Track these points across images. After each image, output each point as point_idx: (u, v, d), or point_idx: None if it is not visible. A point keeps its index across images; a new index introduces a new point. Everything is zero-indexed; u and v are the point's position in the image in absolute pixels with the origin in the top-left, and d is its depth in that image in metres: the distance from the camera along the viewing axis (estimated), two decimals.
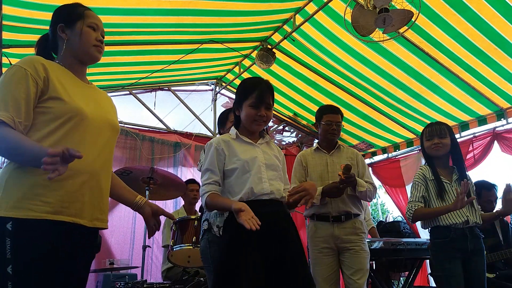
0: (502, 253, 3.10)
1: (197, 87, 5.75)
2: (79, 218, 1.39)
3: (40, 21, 3.16)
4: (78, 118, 1.41)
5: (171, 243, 3.14)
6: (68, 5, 1.59)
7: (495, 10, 3.20)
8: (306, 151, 2.92)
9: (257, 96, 1.87)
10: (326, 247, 2.62)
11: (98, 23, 1.57)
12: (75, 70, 1.56)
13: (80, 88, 1.52)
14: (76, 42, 1.52)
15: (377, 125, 5.30)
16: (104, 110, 1.56)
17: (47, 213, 1.31)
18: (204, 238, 2.31)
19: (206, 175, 1.88)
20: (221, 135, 1.99)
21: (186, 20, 3.72)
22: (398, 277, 4.39)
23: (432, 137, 2.52)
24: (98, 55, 1.57)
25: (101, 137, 1.50)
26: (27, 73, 1.36)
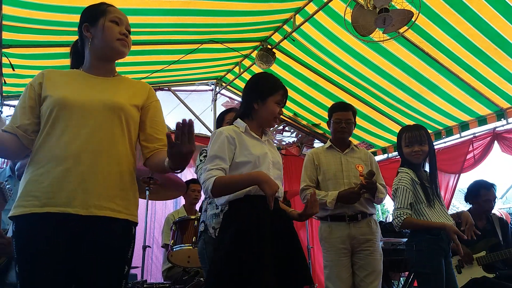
0: (502, 253, 3.10)
1: (197, 87, 5.75)
2: (68, 207, 1.31)
3: (40, 21, 3.16)
4: (60, 107, 1.40)
5: (171, 243, 3.14)
6: (92, 5, 1.60)
7: (495, 10, 3.20)
8: (317, 148, 2.83)
9: (283, 95, 1.90)
10: (343, 247, 2.51)
11: (121, 17, 1.55)
12: (98, 68, 1.55)
13: (83, 81, 1.50)
14: (100, 38, 1.51)
15: (377, 125, 5.30)
16: (104, 93, 1.48)
17: (34, 207, 1.31)
18: (201, 239, 2.32)
19: (214, 161, 1.74)
20: (230, 126, 1.90)
21: (186, 20, 3.72)
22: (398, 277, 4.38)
23: (412, 144, 2.48)
24: (122, 49, 1.54)
25: (90, 120, 1.40)
26: (28, 85, 1.49)
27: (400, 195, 2.38)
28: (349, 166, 2.65)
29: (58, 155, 1.35)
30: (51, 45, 3.60)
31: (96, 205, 1.35)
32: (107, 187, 1.38)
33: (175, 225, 3.18)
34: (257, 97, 1.89)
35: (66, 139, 1.37)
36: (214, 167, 1.72)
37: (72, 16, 3.19)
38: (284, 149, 6.03)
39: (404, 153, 2.53)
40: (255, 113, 1.89)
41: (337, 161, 2.68)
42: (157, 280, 4.38)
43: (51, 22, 3.22)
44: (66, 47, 3.67)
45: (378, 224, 2.66)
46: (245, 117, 1.92)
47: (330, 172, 2.65)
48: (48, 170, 1.34)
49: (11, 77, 3.75)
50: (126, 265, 1.42)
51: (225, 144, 1.77)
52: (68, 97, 1.41)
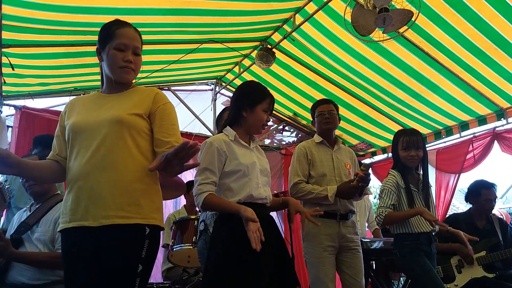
0: (502, 253, 3.10)
1: (197, 87, 5.75)
2: (84, 220, 1.47)
3: (40, 21, 3.16)
4: (73, 132, 1.56)
5: (171, 243, 3.14)
6: (105, 25, 1.63)
7: (495, 10, 3.20)
8: (307, 142, 2.79)
9: (270, 103, 1.99)
10: (331, 245, 2.52)
11: (126, 42, 1.57)
12: (112, 87, 1.64)
13: (96, 102, 1.62)
14: (106, 64, 1.60)
15: (377, 125, 5.30)
16: (109, 110, 1.56)
17: (64, 223, 1.53)
18: (201, 239, 2.32)
19: (204, 174, 1.83)
20: (219, 135, 1.97)
21: (186, 20, 3.72)
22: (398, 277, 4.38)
23: (409, 148, 2.56)
24: (125, 76, 1.59)
25: (94, 138, 1.52)
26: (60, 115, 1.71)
27: (385, 196, 2.54)
28: (339, 163, 2.68)
29: (74, 176, 1.53)
30: (51, 45, 3.59)
31: (104, 215, 1.46)
32: (114, 197, 1.48)
33: (175, 225, 3.18)
34: (246, 105, 1.96)
35: (79, 161, 1.53)
36: (204, 181, 1.82)
37: (73, 16, 3.19)
38: (284, 149, 6.02)
39: (400, 156, 2.60)
40: (243, 121, 1.97)
41: (328, 158, 2.69)
42: (157, 280, 4.38)
43: (51, 22, 3.22)
44: (66, 47, 3.67)
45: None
46: (233, 124, 1.99)
47: (323, 168, 2.64)
48: (69, 190, 1.54)
49: (11, 77, 3.75)
50: (140, 264, 1.50)
51: (215, 156, 1.85)
52: (78, 122, 1.57)
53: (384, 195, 2.54)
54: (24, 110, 4.20)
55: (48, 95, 4.58)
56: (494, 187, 3.36)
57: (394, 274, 4.20)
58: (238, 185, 1.85)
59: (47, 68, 3.96)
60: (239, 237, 1.70)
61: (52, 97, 4.67)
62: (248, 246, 1.63)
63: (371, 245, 3.25)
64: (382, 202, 2.53)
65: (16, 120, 4.15)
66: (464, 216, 3.42)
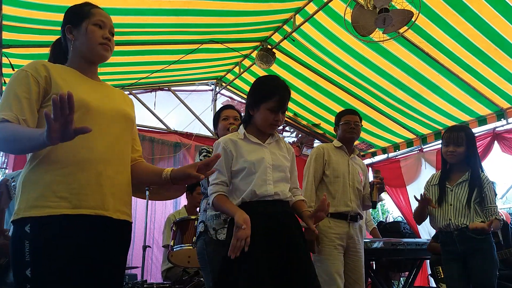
0: (502, 253, 3.10)
1: (197, 87, 5.75)
2: (102, 210, 1.35)
3: (40, 21, 3.16)
4: (83, 110, 1.37)
5: (171, 243, 3.14)
6: (76, 5, 1.58)
7: (495, 10, 3.20)
8: (327, 145, 2.89)
9: (278, 101, 1.84)
10: (341, 244, 2.59)
11: (104, 20, 1.54)
12: (84, 70, 1.52)
13: (88, 84, 1.49)
14: (83, 41, 1.50)
15: (377, 125, 5.30)
16: (115, 102, 1.52)
17: (65, 208, 1.29)
18: (200, 239, 2.32)
19: (214, 175, 1.81)
20: (229, 135, 1.93)
21: (186, 20, 3.72)
22: (398, 277, 4.39)
23: (448, 144, 2.58)
24: (104, 53, 1.52)
25: (112, 128, 1.44)
26: (28, 74, 1.36)
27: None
28: (354, 171, 2.77)
29: (85, 158, 1.35)
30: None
31: (120, 210, 1.43)
32: (124, 194, 1.47)
33: (175, 225, 3.18)
34: (252, 103, 1.90)
35: (93, 143, 1.36)
36: (214, 181, 1.84)
37: None
38: None
39: (442, 152, 2.65)
40: (252, 119, 1.91)
41: (345, 163, 2.77)
42: (157, 280, 4.38)
43: (51, 22, 3.22)
44: None
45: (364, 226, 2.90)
46: (247, 122, 1.94)
47: (339, 171, 2.72)
48: (74, 171, 1.32)
49: None
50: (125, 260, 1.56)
51: (222, 156, 1.83)
52: (89, 101, 1.40)
53: None
54: None
55: None
56: (494, 185, 3.36)
57: (394, 274, 4.20)
58: (245, 183, 1.81)
59: None
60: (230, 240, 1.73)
61: None
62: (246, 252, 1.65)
63: (371, 245, 3.25)
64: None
65: None
66: None
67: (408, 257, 3.50)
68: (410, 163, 5.42)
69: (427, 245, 3.42)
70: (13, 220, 1.31)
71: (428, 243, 3.44)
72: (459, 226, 2.46)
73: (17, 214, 1.30)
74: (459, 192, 2.53)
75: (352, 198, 2.66)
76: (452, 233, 2.48)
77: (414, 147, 5.32)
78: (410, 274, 3.81)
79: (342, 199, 2.65)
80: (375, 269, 3.87)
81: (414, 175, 5.29)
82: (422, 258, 3.74)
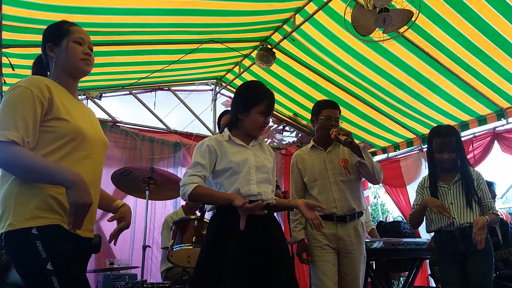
0: (502, 253, 3.10)
1: (197, 87, 5.75)
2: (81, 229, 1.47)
3: (40, 21, 3.16)
4: (80, 138, 1.49)
5: (170, 243, 3.14)
6: (54, 24, 1.65)
7: (495, 10, 3.20)
8: (301, 150, 2.81)
9: (268, 105, 1.93)
10: (328, 245, 2.53)
11: (83, 37, 1.61)
12: (68, 86, 1.60)
13: (77, 107, 1.59)
14: (64, 58, 1.57)
15: (377, 125, 5.30)
16: (97, 127, 1.64)
17: (60, 222, 1.41)
18: None
19: (196, 168, 1.89)
20: (214, 136, 2.02)
21: (186, 20, 3.72)
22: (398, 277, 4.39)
23: (442, 151, 2.51)
24: (86, 68, 1.60)
25: (96, 153, 1.56)
26: (33, 94, 1.40)
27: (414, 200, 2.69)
28: (333, 163, 2.63)
29: None
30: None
31: (89, 228, 1.55)
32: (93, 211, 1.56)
33: (175, 225, 3.18)
34: (241, 108, 1.96)
35: (83, 167, 1.48)
36: (196, 173, 1.86)
37: (72, 16, 3.19)
38: (284, 149, 6.03)
39: (435, 157, 2.58)
40: (240, 123, 1.98)
41: (320, 161, 2.66)
42: (157, 280, 4.38)
43: (51, 23, 3.21)
44: None
45: (364, 225, 2.70)
46: (232, 126, 2.01)
47: (315, 173, 2.64)
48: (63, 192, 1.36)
49: (11, 77, 3.75)
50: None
51: (207, 153, 1.90)
52: (85, 130, 1.52)
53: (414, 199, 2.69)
54: None
55: None
56: (493, 185, 3.37)
57: (394, 274, 4.20)
58: (229, 182, 1.88)
59: None
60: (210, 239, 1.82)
61: None
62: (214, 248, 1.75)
63: (371, 245, 3.25)
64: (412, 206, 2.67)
65: None
66: None
67: (408, 257, 3.50)
68: (410, 163, 5.42)
69: (427, 245, 3.42)
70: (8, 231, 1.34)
71: (428, 243, 3.44)
72: (463, 224, 2.42)
73: (13, 225, 1.34)
74: (457, 191, 2.51)
75: (336, 196, 2.55)
76: (454, 232, 2.44)
77: (414, 147, 5.33)
78: (410, 274, 3.81)
79: (326, 200, 2.55)
80: (375, 269, 3.87)
81: (414, 175, 5.29)
82: (422, 258, 3.74)
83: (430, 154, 2.62)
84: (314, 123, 2.74)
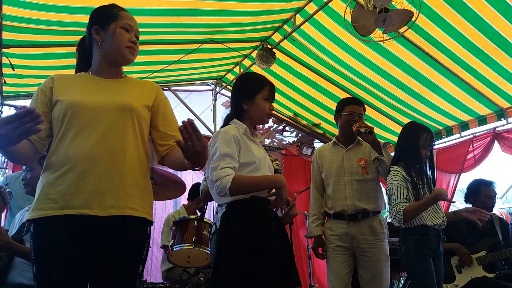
0: (502, 253, 3.10)
1: (197, 87, 5.75)
2: (87, 208, 1.33)
3: (40, 21, 3.16)
4: (73, 111, 1.41)
5: (170, 243, 3.14)
6: (103, 6, 1.59)
7: (495, 10, 3.20)
8: (323, 146, 2.84)
9: (270, 90, 1.91)
10: (341, 245, 2.52)
11: (132, 24, 1.56)
12: (105, 71, 1.55)
13: (92, 85, 1.50)
14: (109, 43, 1.51)
15: (377, 124, 5.29)
16: (114, 94, 1.49)
17: (53, 210, 1.33)
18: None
19: (225, 160, 1.71)
20: (230, 126, 1.89)
21: (186, 20, 3.72)
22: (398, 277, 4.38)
23: (429, 147, 2.53)
24: (130, 57, 1.55)
25: (102, 122, 1.41)
26: (38, 89, 1.48)
27: (395, 192, 2.41)
28: (351, 162, 2.62)
29: (72, 158, 1.37)
30: (51, 45, 3.59)
31: (114, 205, 1.36)
32: (124, 187, 1.39)
33: (175, 225, 3.18)
34: (245, 96, 1.90)
35: (80, 142, 1.39)
36: (227, 165, 1.70)
37: (72, 16, 3.19)
38: (284, 149, 6.03)
39: (421, 152, 2.51)
40: (246, 114, 1.91)
41: (339, 158, 2.66)
42: (157, 280, 4.38)
43: (51, 22, 3.22)
44: (66, 47, 3.67)
45: (385, 222, 2.61)
46: (239, 117, 1.93)
47: (332, 170, 2.65)
48: (63, 173, 1.36)
49: (11, 77, 3.75)
50: (141, 264, 1.43)
51: (233, 143, 1.77)
52: (80, 100, 1.42)
53: (394, 192, 2.41)
54: None
55: None
56: (493, 184, 3.37)
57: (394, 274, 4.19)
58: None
59: (47, 69, 3.96)
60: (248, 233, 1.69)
61: None
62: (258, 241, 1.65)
63: None
64: (394, 200, 2.40)
65: None
66: None
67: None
68: None
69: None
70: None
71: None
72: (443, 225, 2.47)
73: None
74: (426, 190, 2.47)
75: (348, 194, 2.53)
76: (439, 231, 2.46)
77: None
78: None
79: (337, 198, 2.56)
80: None
81: None
82: None
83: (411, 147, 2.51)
84: (337, 120, 2.73)
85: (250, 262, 1.64)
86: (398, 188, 2.40)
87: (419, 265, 2.34)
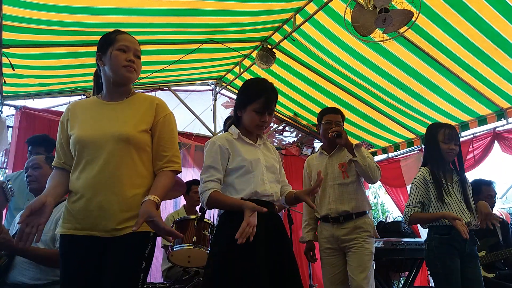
0: (502, 253, 3.10)
1: (197, 87, 5.75)
2: (95, 231, 1.54)
3: (40, 21, 3.16)
4: (79, 146, 1.60)
5: (171, 243, 3.14)
6: (105, 34, 1.73)
7: (495, 10, 3.20)
8: (312, 155, 3.00)
9: (263, 102, 1.88)
10: (329, 247, 2.67)
11: (128, 45, 1.67)
12: (111, 93, 1.69)
13: (97, 112, 1.65)
14: (109, 66, 1.64)
15: (377, 125, 5.30)
16: (113, 124, 1.62)
17: (70, 229, 1.57)
18: None
19: (208, 172, 1.85)
20: (223, 134, 1.98)
21: (186, 20, 3.72)
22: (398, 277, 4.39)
23: (451, 141, 2.46)
24: (129, 75, 1.65)
25: (101, 153, 1.58)
26: (60, 121, 1.72)
27: (411, 194, 2.49)
28: (333, 168, 2.75)
29: (80, 188, 1.58)
30: (51, 45, 3.59)
31: (116, 228, 1.55)
32: (123, 212, 1.56)
33: (175, 225, 3.17)
34: (239, 105, 1.96)
35: (86, 174, 1.58)
36: (209, 178, 1.83)
37: (73, 16, 3.19)
38: (284, 149, 6.03)
39: (441, 148, 2.48)
40: (241, 120, 1.96)
41: (323, 165, 2.78)
42: (157, 280, 4.38)
43: (51, 22, 3.22)
44: (66, 47, 3.67)
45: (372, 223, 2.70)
46: (236, 123, 1.99)
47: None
48: (75, 200, 1.58)
49: (11, 77, 3.75)
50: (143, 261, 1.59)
51: (218, 154, 1.86)
52: (83, 135, 1.60)
53: (411, 193, 2.49)
54: (25, 111, 4.21)
55: (49, 95, 4.59)
56: (493, 184, 3.37)
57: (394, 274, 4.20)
58: (242, 181, 1.85)
59: (47, 68, 3.97)
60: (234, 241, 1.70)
61: (53, 97, 4.68)
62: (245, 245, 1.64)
63: None
64: (409, 201, 2.48)
65: (16, 121, 4.16)
66: None
67: (408, 257, 3.50)
68: (410, 163, 5.42)
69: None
70: None
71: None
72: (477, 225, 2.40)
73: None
74: (456, 192, 2.45)
75: (331, 198, 2.68)
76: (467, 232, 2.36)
77: (414, 147, 5.33)
78: (410, 274, 3.82)
79: (323, 203, 2.71)
80: (375, 269, 3.87)
81: (414, 175, 5.27)
82: (422, 258, 3.73)
83: (432, 147, 2.51)
84: (318, 130, 2.88)
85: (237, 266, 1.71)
86: (415, 190, 2.48)
87: (441, 265, 2.30)
